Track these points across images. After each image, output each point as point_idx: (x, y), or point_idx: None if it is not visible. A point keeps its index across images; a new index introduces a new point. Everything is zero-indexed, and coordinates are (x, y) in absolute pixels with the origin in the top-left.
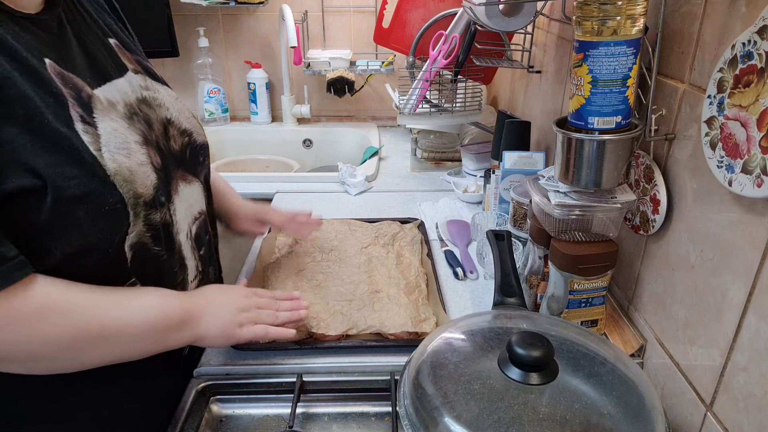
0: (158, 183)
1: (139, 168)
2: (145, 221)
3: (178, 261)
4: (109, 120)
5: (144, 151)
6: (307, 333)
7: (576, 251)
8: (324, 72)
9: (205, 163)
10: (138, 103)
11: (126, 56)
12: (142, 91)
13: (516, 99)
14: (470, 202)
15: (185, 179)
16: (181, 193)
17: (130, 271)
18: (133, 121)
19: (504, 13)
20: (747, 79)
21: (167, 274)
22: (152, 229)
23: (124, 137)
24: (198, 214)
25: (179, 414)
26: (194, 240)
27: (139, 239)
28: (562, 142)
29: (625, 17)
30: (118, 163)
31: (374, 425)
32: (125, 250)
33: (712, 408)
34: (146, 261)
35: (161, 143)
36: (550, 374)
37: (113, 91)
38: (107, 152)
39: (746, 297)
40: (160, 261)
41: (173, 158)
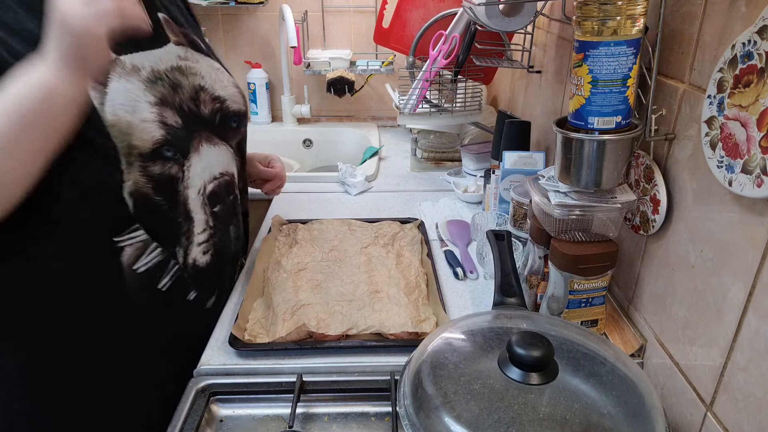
0: (164, 139)
1: (140, 123)
2: (143, 172)
3: (182, 213)
4: (125, 81)
5: (155, 111)
6: (307, 333)
7: (576, 251)
8: (324, 72)
9: (240, 130)
10: (169, 71)
11: (172, 29)
12: (179, 60)
13: (516, 99)
14: (470, 202)
15: (210, 141)
16: (202, 152)
17: (133, 217)
18: (155, 85)
19: (504, 13)
20: (747, 79)
21: (170, 222)
22: (152, 181)
23: (134, 96)
24: (219, 174)
25: (179, 414)
26: (207, 197)
27: (138, 188)
28: (562, 142)
29: (625, 17)
30: (118, 117)
31: (374, 425)
32: (125, 197)
33: (712, 408)
34: (148, 209)
35: (186, 106)
36: (550, 374)
37: (143, 58)
38: (110, 106)
39: (746, 297)
40: (161, 210)
41: (199, 120)
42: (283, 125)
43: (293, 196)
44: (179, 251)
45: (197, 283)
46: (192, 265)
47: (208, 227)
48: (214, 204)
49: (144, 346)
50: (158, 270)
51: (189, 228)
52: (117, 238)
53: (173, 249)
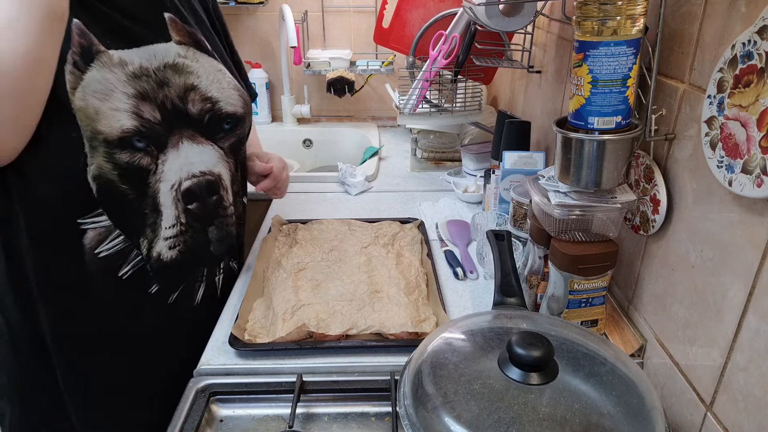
0: (134, 130)
1: (109, 111)
2: (108, 158)
3: (150, 205)
4: (106, 71)
5: (131, 102)
6: (307, 333)
7: (576, 251)
8: (324, 72)
9: (234, 132)
10: (161, 68)
11: (177, 28)
12: (177, 58)
13: (516, 99)
14: (470, 202)
15: (193, 139)
16: (182, 149)
17: (97, 202)
18: (139, 80)
19: (504, 13)
20: (747, 79)
21: (136, 213)
22: (118, 168)
23: (111, 86)
24: (200, 173)
25: (179, 414)
26: (182, 193)
27: (102, 174)
28: (561, 142)
29: (625, 17)
30: (86, 103)
31: (374, 425)
32: (89, 180)
33: (712, 408)
34: (113, 196)
35: (170, 103)
36: (550, 374)
37: (134, 54)
38: (80, 92)
39: (746, 297)
40: (127, 199)
41: (184, 118)
42: (283, 125)
43: (293, 196)
44: (143, 242)
45: (160, 277)
46: (156, 258)
47: (178, 223)
48: (190, 201)
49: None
50: (119, 258)
51: (156, 221)
52: (80, 220)
53: (137, 239)
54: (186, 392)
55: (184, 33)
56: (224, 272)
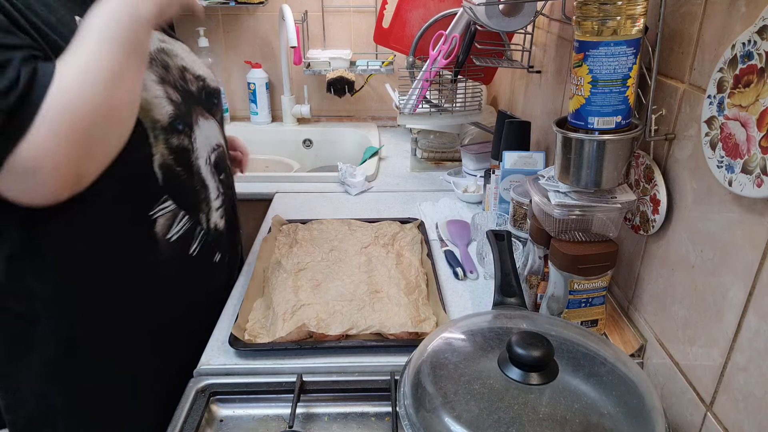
0: (175, 114)
1: (154, 100)
2: (166, 144)
3: (198, 181)
4: None
5: (160, 88)
6: (307, 333)
7: (576, 251)
8: (324, 72)
9: (219, 106)
10: (157, 52)
11: None
12: (160, 43)
13: (516, 99)
14: (470, 202)
15: (203, 115)
16: (201, 125)
17: (162, 189)
18: (152, 65)
19: (504, 13)
20: (747, 79)
21: (190, 191)
22: (173, 152)
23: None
24: (216, 146)
25: (179, 414)
26: (213, 166)
27: (164, 161)
28: (561, 142)
29: (625, 17)
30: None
31: (374, 425)
32: (155, 170)
33: (712, 408)
34: (174, 180)
35: (179, 84)
36: (550, 374)
37: None
38: None
39: (746, 297)
40: (182, 180)
41: (191, 96)
42: (283, 125)
43: (293, 196)
44: (203, 217)
45: (219, 246)
46: (214, 229)
47: (219, 193)
48: (220, 172)
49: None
50: (188, 237)
51: (206, 195)
52: (151, 211)
53: (197, 216)
54: (186, 392)
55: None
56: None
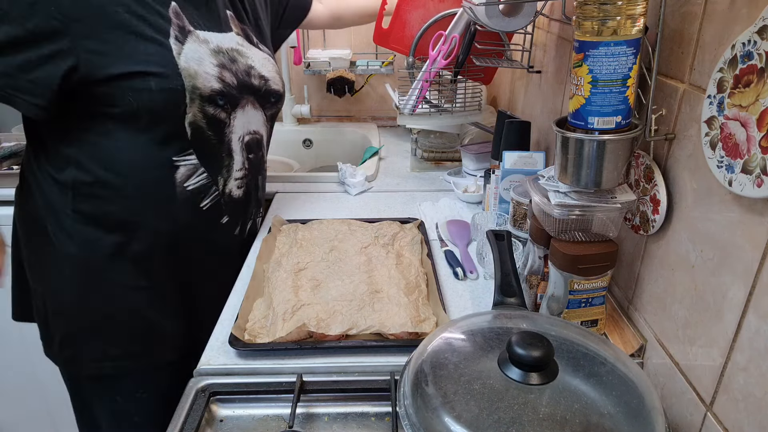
0: (219, 91)
1: (203, 73)
2: (200, 109)
3: (225, 149)
4: (196, 45)
5: (217, 69)
6: (307, 333)
7: (576, 251)
8: (324, 72)
9: (277, 105)
10: (230, 50)
11: (235, 24)
12: (238, 46)
13: (516, 99)
14: (470, 202)
15: (254, 105)
16: (246, 110)
17: (190, 143)
18: (219, 55)
19: (504, 13)
20: (747, 79)
21: (216, 155)
22: (206, 117)
23: (202, 56)
24: (254, 131)
25: (179, 414)
26: (245, 144)
27: (196, 121)
28: (561, 142)
29: (625, 17)
30: (188, 64)
31: (374, 425)
32: (185, 125)
33: (712, 408)
34: (201, 140)
35: (240, 74)
36: (550, 374)
37: (213, 36)
38: (183, 56)
39: (746, 297)
40: (211, 143)
41: (249, 87)
42: (283, 125)
43: (293, 196)
44: (220, 180)
45: (230, 211)
46: (228, 195)
47: (243, 168)
48: (250, 152)
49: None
50: (202, 192)
51: (230, 164)
52: (176, 157)
53: (216, 177)
54: (186, 392)
55: (240, 28)
56: (262, 215)
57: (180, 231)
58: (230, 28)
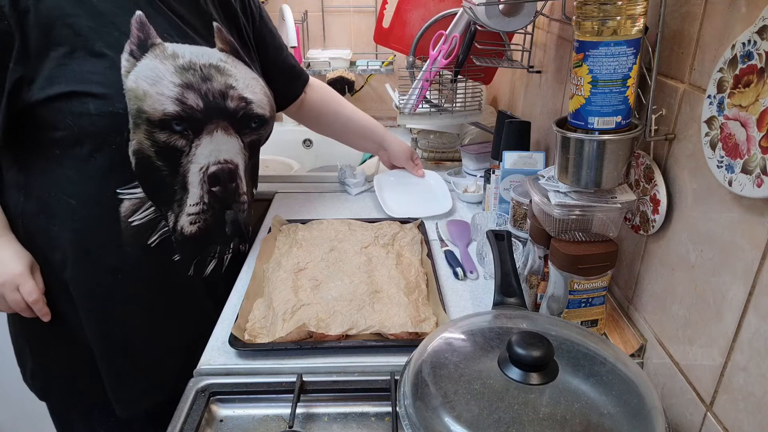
0: (176, 115)
1: (155, 94)
2: (148, 136)
3: (179, 181)
4: (156, 61)
5: (177, 90)
6: (307, 333)
7: (576, 251)
8: (324, 72)
9: (258, 131)
10: (206, 66)
11: (222, 38)
12: (219, 62)
13: (516, 99)
14: (470, 202)
15: (226, 131)
16: (215, 137)
17: (134, 175)
18: (186, 72)
19: (504, 13)
20: (747, 79)
21: (167, 188)
22: (156, 145)
23: (160, 74)
24: (224, 161)
25: (179, 414)
26: (208, 176)
27: (142, 149)
28: (561, 142)
29: (625, 17)
30: (137, 84)
31: (374, 425)
32: (129, 154)
33: (712, 408)
34: (148, 171)
35: (212, 95)
36: (550, 374)
37: (187, 50)
38: (134, 75)
39: (746, 297)
40: (160, 174)
41: (221, 111)
42: (283, 125)
43: (293, 196)
44: (170, 215)
45: (181, 249)
46: (179, 231)
47: (201, 202)
48: (214, 184)
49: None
50: (149, 227)
51: (183, 197)
52: (119, 189)
53: (165, 212)
54: (186, 392)
55: (227, 42)
56: (232, 252)
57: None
58: (213, 42)
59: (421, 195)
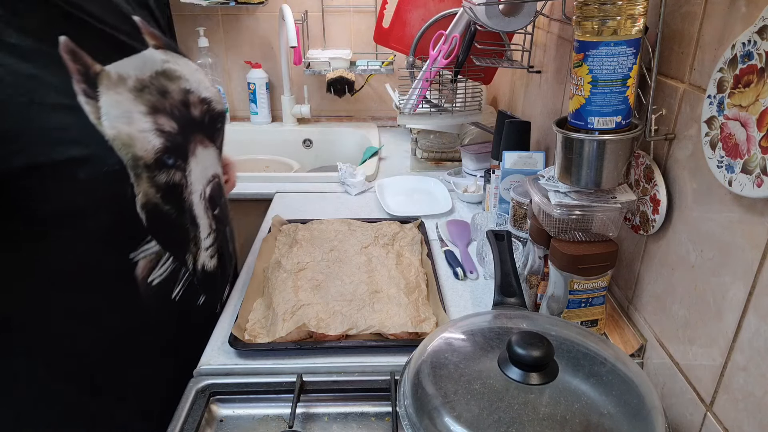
0: (164, 147)
1: (139, 134)
2: (151, 182)
3: (189, 219)
4: (114, 93)
5: (150, 120)
6: (307, 333)
7: (576, 251)
8: (324, 72)
9: (222, 130)
10: (154, 76)
11: (149, 33)
12: (163, 64)
13: (516, 99)
14: (470, 202)
15: (203, 143)
16: (198, 155)
17: (147, 230)
18: (143, 93)
19: (504, 13)
20: (747, 79)
21: (179, 229)
22: (160, 190)
23: (127, 108)
24: (212, 177)
25: (179, 414)
26: (207, 200)
27: (149, 200)
28: (562, 142)
29: (625, 17)
30: (117, 130)
31: (374, 425)
32: (138, 211)
33: (712, 408)
34: (160, 220)
35: (177, 110)
36: (550, 374)
37: (127, 66)
38: (107, 120)
39: (746, 297)
40: (171, 219)
41: (192, 123)
42: (283, 125)
43: (293, 196)
44: (189, 258)
45: (206, 288)
46: (201, 271)
47: (212, 230)
48: (214, 207)
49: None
50: (171, 280)
51: (196, 234)
52: (133, 253)
53: (183, 257)
54: (186, 392)
55: (156, 37)
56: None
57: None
58: (144, 41)
59: (421, 196)
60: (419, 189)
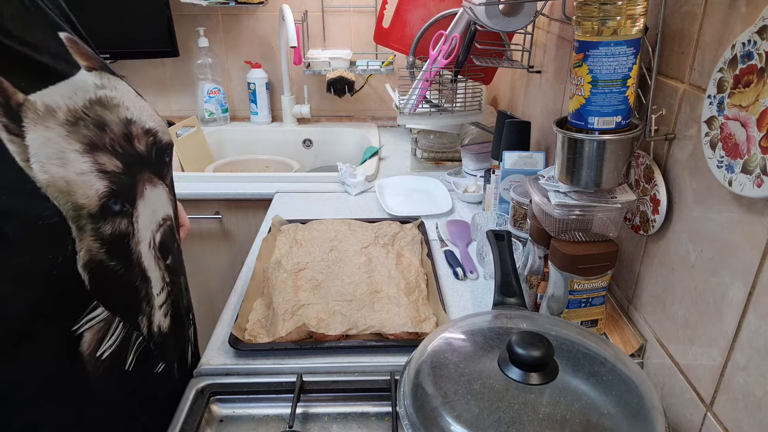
0: (109, 191)
1: (77, 178)
2: (95, 235)
3: (138, 274)
4: (42, 129)
5: (87, 159)
6: (307, 333)
7: (576, 251)
8: (324, 72)
9: (171, 164)
10: (89, 106)
11: (79, 51)
12: (97, 90)
13: (516, 99)
14: (470, 202)
15: (151, 182)
16: (147, 197)
17: (90, 294)
18: (78, 127)
19: (504, 13)
20: (747, 79)
21: (128, 288)
22: (105, 243)
23: (59, 146)
24: (162, 220)
25: (179, 414)
26: (158, 249)
27: (93, 257)
28: (562, 142)
29: (625, 17)
30: (51, 174)
31: (374, 425)
32: (80, 272)
33: (712, 408)
34: (105, 279)
35: (119, 145)
36: (550, 374)
37: (56, 95)
38: (36, 163)
39: (746, 297)
40: (118, 276)
41: (138, 160)
42: (283, 125)
43: (293, 196)
44: (142, 320)
45: (164, 352)
46: (157, 333)
47: (164, 284)
48: (166, 256)
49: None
50: (123, 349)
51: (147, 290)
52: (75, 326)
53: (136, 320)
54: (186, 392)
55: (87, 56)
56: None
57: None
58: (75, 62)
59: (421, 196)
60: (419, 189)
